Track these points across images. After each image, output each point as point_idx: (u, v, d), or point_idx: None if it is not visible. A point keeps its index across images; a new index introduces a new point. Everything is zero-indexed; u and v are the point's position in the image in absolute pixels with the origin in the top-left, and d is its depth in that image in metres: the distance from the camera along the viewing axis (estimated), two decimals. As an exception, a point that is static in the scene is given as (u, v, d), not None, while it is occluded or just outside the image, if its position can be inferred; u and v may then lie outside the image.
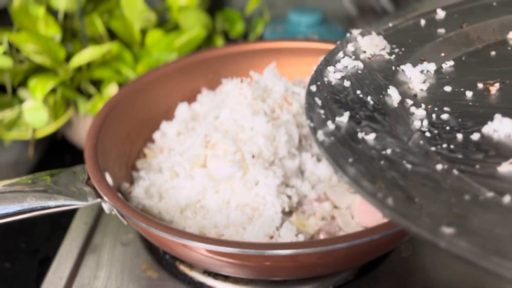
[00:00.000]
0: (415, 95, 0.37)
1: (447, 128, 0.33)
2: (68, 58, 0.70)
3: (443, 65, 0.41)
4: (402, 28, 0.46)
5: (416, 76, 0.39)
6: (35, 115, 0.66)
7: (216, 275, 0.50)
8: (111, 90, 0.70)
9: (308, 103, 0.35)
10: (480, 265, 0.22)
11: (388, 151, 0.30)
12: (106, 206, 0.48)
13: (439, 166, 0.29)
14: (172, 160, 0.53)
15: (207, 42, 0.84)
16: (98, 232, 0.57)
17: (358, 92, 0.36)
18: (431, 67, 0.40)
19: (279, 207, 0.47)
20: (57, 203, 0.46)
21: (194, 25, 0.79)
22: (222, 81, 0.60)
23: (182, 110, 0.62)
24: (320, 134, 0.31)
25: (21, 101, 0.71)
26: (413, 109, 0.35)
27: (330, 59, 0.41)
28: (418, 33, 0.45)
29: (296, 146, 0.52)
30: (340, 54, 0.42)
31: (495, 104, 0.36)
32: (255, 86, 0.54)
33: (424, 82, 0.39)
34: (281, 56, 0.68)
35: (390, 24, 0.46)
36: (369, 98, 0.36)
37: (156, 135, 0.61)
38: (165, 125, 0.61)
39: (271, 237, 0.45)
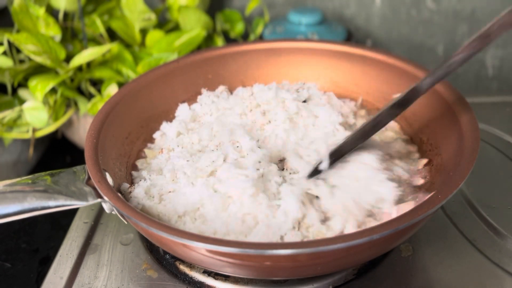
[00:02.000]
0: None
1: None
2: (68, 58, 0.70)
3: None
4: None
5: None
6: (35, 115, 0.67)
7: (216, 275, 0.50)
8: (111, 90, 0.70)
9: None
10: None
11: None
12: (106, 206, 0.48)
13: None
14: (174, 162, 0.53)
15: (207, 42, 0.84)
16: (98, 232, 0.57)
17: None
18: None
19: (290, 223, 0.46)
20: (57, 203, 0.45)
21: (194, 25, 0.79)
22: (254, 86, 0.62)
23: (183, 110, 0.62)
24: None
25: (21, 101, 0.71)
26: None
27: None
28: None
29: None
30: None
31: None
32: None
33: None
34: (281, 56, 0.68)
35: None
36: None
37: (156, 135, 0.61)
38: (165, 126, 0.61)
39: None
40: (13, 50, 0.70)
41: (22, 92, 0.71)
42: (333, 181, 0.50)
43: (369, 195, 0.47)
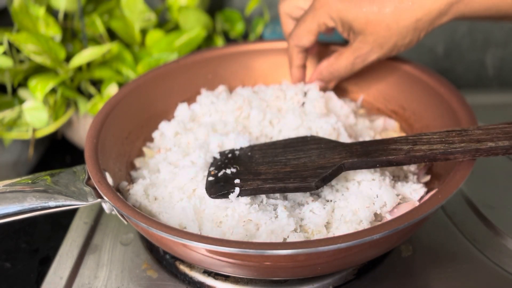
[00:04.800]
0: None
1: None
2: (68, 58, 0.70)
3: None
4: None
5: None
6: (35, 115, 0.67)
7: (216, 275, 0.50)
8: (111, 90, 0.70)
9: None
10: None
11: None
12: (106, 206, 0.48)
13: None
14: (165, 169, 0.53)
15: (207, 42, 0.84)
16: (98, 232, 0.57)
17: None
18: None
19: (292, 226, 0.46)
20: (57, 203, 0.45)
21: (194, 25, 0.79)
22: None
23: (182, 110, 0.62)
24: None
25: (21, 101, 0.71)
26: None
27: None
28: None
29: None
30: None
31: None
32: None
33: None
34: (281, 56, 0.68)
35: None
36: None
37: (155, 135, 0.61)
38: (163, 125, 0.61)
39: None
40: (13, 50, 0.70)
41: (22, 92, 0.71)
42: (335, 186, 0.50)
43: (370, 198, 0.47)
